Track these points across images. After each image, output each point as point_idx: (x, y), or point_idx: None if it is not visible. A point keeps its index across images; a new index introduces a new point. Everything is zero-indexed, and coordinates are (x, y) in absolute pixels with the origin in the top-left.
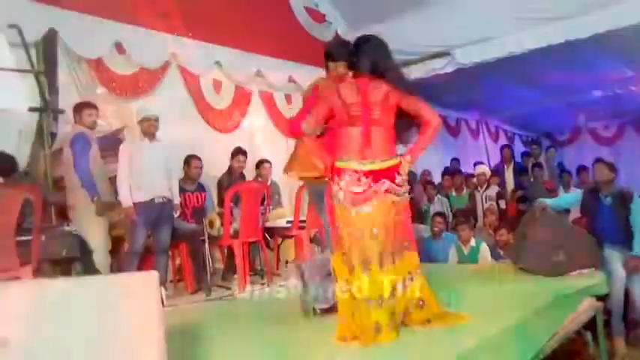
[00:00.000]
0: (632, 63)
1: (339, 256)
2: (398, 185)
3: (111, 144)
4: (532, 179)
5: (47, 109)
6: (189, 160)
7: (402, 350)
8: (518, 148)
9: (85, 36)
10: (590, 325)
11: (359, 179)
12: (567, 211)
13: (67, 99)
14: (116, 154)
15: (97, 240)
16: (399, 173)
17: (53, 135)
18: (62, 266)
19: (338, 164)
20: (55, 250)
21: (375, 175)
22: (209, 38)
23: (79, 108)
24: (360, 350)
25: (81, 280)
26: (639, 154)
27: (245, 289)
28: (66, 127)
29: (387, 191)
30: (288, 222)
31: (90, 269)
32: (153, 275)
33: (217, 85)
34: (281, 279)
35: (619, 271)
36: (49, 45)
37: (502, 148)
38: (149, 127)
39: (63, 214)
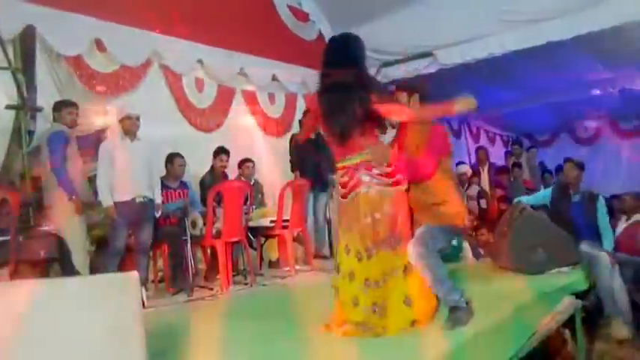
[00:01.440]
0: (610, 65)
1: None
2: (379, 175)
3: (91, 143)
4: (512, 179)
5: (25, 106)
6: (172, 158)
7: (378, 352)
8: (499, 148)
9: (63, 33)
10: (569, 323)
11: (344, 175)
12: (547, 208)
13: (46, 97)
14: (97, 153)
15: (76, 240)
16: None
17: (31, 133)
18: (41, 267)
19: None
20: (34, 251)
21: (354, 169)
22: (191, 36)
23: (59, 106)
24: (340, 348)
25: (60, 282)
26: (617, 154)
27: (228, 289)
28: (45, 125)
29: (364, 183)
30: (271, 221)
31: (69, 270)
32: (133, 276)
33: (200, 84)
34: (264, 279)
35: (608, 271)
36: (26, 42)
37: (477, 149)
38: (130, 126)
39: (41, 214)
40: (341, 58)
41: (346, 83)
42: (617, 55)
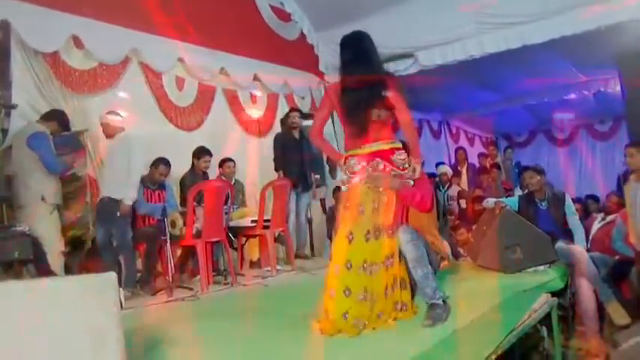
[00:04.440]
0: (585, 68)
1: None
2: (395, 164)
3: (68, 143)
4: (490, 179)
5: None
6: (157, 163)
7: (358, 349)
8: (479, 148)
9: (39, 29)
10: (546, 320)
11: (352, 162)
12: None
13: (22, 94)
14: (71, 152)
15: (51, 240)
16: (392, 154)
17: (4, 131)
18: (14, 269)
19: (345, 154)
20: (7, 251)
21: (370, 157)
22: (172, 34)
23: (55, 115)
24: (320, 346)
25: (35, 283)
26: (592, 155)
27: (208, 289)
28: (20, 122)
29: (385, 167)
30: (252, 221)
31: (44, 271)
32: (111, 277)
33: (180, 82)
34: (244, 279)
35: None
36: (0, 37)
37: (456, 150)
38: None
39: (14, 214)
40: (357, 56)
41: (365, 82)
42: (592, 59)
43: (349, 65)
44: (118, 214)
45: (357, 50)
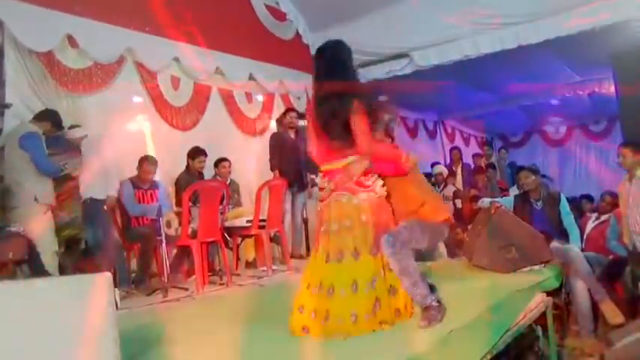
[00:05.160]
0: (580, 69)
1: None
2: (358, 183)
3: (60, 143)
4: (486, 179)
5: None
6: (142, 162)
7: (353, 351)
8: (474, 148)
9: (34, 28)
10: (541, 319)
11: (323, 178)
12: None
13: (17, 93)
14: (64, 152)
15: (45, 241)
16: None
17: None
18: (8, 269)
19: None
20: (1, 252)
21: (333, 174)
22: (167, 33)
23: (48, 115)
24: (315, 348)
25: (30, 283)
26: (587, 156)
27: (204, 289)
28: (14, 122)
29: (342, 188)
30: (247, 221)
31: (39, 271)
32: (106, 277)
33: (175, 82)
34: (240, 279)
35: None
36: None
37: (451, 150)
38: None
39: (7, 214)
40: (330, 68)
41: (337, 94)
42: (586, 59)
43: (319, 78)
44: (105, 207)
45: (327, 63)
